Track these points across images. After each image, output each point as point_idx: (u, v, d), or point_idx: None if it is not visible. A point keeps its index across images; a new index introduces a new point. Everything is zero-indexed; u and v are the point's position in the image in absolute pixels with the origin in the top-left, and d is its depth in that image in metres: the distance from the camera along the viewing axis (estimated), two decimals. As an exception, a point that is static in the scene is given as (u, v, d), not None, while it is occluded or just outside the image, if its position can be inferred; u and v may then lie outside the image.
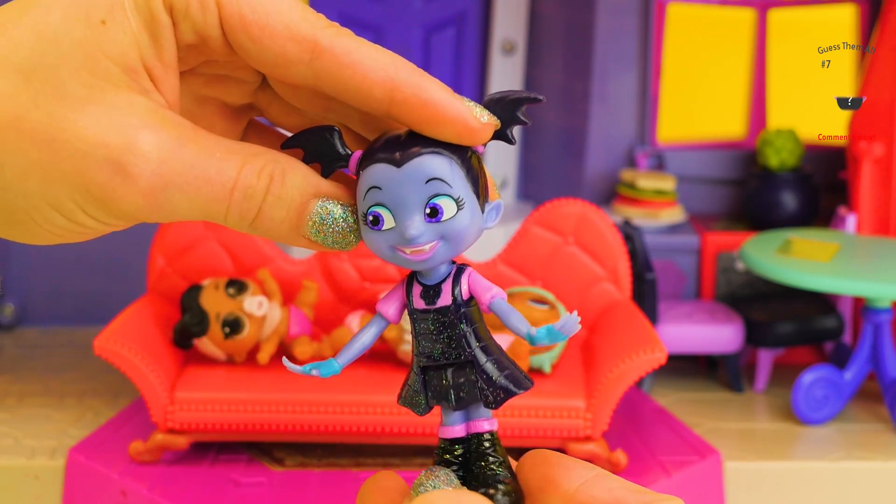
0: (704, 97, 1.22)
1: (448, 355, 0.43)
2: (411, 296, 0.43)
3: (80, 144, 0.39)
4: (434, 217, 0.41)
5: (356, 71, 0.41)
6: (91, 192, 0.40)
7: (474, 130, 0.41)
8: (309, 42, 0.41)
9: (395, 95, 0.41)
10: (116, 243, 1.17)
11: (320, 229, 0.42)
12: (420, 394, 0.44)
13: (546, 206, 0.96)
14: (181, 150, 0.40)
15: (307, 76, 0.41)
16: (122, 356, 0.86)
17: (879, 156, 1.05)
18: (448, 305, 0.43)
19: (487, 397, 0.43)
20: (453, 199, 0.41)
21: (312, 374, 0.44)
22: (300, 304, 0.94)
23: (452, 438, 0.44)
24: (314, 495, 0.85)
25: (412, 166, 0.41)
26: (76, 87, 0.40)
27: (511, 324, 0.42)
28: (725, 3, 1.20)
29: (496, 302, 0.43)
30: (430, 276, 0.43)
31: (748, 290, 1.09)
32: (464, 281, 0.43)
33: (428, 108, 0.41)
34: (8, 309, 1.20)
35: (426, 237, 0.41)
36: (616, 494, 0.41)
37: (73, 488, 0.88)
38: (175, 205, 0.40)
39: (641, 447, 0.91)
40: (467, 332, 0.43)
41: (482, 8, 1.24)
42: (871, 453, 0.92)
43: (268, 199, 0.41)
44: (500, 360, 0.44)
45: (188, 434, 0.88)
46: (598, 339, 0.93)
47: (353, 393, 0.87)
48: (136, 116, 0.40)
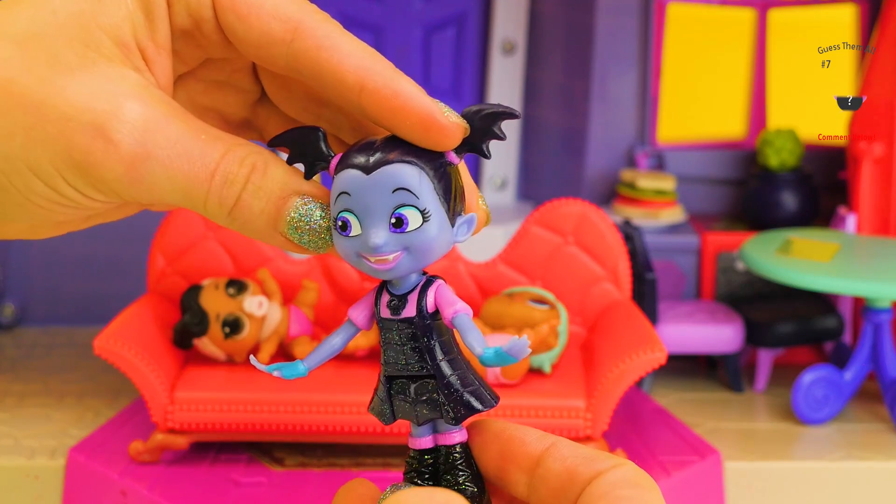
0: (704, 97, 1.22)
1: (411, 367, 0.42)
2: (379, 304, 0.43)
3: (67, 108, 0.40)
4: (399, 227, 0.40)
5: (332, 55, 0.41)
6: (72, 157, 0.40)
7: (442, 127, 0.40)
8: (293, 22, 0.41)
9: (366, 83, 0.41)
10: (116, 243, 1.17)
11: (297, 226, 0.42)
12: (385, 404, 0.44)
13: (546, 206, 0.96)
14: (167, 124, 0.40)
15: (287, 58, 0.42)
16: (122, 356, 0.86)
17: (879, 156, 1.05)
18: (412, 317, 0.42)
19: (448, 413, 0.42)
20: (419, 211, 0.41)
21: (274, 374, 0.44)
22: (300, 304, 0.94)
23: (419, 449, 0.44)
24: (314, 495, 0.85)
25: (380, 174, 0.40)
26: (69, 55, 0.40)
27: (467, 341, 0.42)
28: (725, 3, 1.20)
29: (458, 317, 0.42)
30: (399, 286, 0.42)
31: (748, 290, 1.10)
32: (430, 293, 0.42)
33: (397, 99, 0.41)
34: (8, 309, 1.20)
35: (389, 247, 0.41)
36: (568, 464, 0.41)
37: (73, 488, 0.88)
38: (155, 179, 0.40)
39: (641, 447, 0.91)
40: (432, 344, 0.42)
41: (482, 8, 1.24)
42: (871, 453, 0.92)
43: (248, 187, 0.41)
44: (465, 375, 0.43)
45: (188, 434, 0.88)
46: (598, 339, 0.93)
47: (352, 393, 0.87)
48: (126, 87, 0.40)
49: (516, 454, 0.42)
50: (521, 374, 0.88)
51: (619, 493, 0.39)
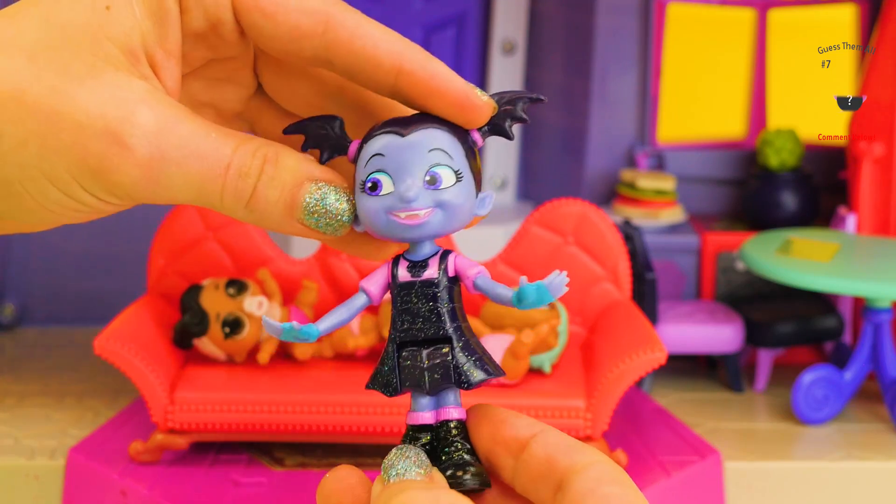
0: (704, 97, 1.22)
1: (427, 330, 0.43)
2: (397, 270, 0.44)
3: (79, 116, 0.40)
4: (433, 184, 0.42)
5: (367, 42, 0.42)
6: (88, 164, 0.40)
7: (475, 106, 0.43)
8: (322, 14, 0.42)
9: (403, 66, 0.42)
10: (116, 243, 1.17)
11: (314, 211, 0.42)
12: (393, 373, 0.44)
13: (546, 206, 0.96)
14: (178, 125, 0.41)
15: (319, 49, 0.43)
16: (122, 356, 0.86)
17: (879, 156, 1.05)
18: (434, 278, 0.43)
19: (461, 376, 0.43)
20: (453, 171, 0.42)
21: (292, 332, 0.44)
22: (300, 304, 0.94)
23: (420, 425, 0.44)
24: (314, 495, 0.85)
25: (417, 135, 0.42)
26: (78, 65, 0.41)
27: (497, 293, 0.43)
28: (725, 3, 1.20)
29: (480, 278, 0.43)
30: (416, 253, 0.44)
31: (748, 290, 1.10)
32: (450, 260, 0.44)
33: (434, 80, 0.42)
34: (8, 309, 1.20)
35: (423, 201, 0.42)
36: (549, 452, 0.42)
37: (73, 488, 0.88)
38: (171, 179, 0.41)
39: (641, 447, 0.91)
40: (447, 308, 0.43)
41: (482, 8, 1.24)
42: (871, 453, 0.92)
43: (262, 178, 0.42)
44: (473, 344, 0.44)
45: (188, 434, 0.88)
46: (598, 339, 0.93)
47: (352, 393, 0.87)
48: (135, 93, 0.41)
49: (505, 437, 0.43)
50: (521, 374, 0.88)
51: (606, 491, 0.39)
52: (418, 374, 0.43)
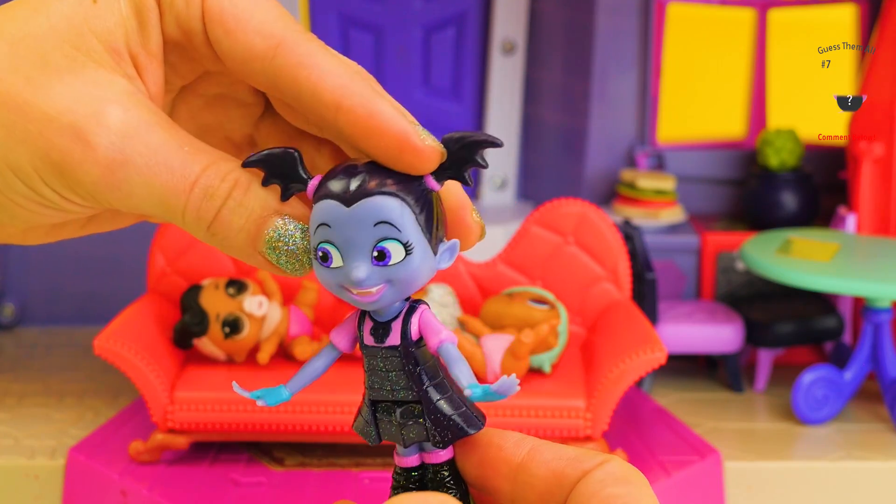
0: (704, 97, 1.22)
1: (397, 393, 0.42)
2: (362, 331, 0.42)
3: (49, 109, 0.40)
4: (381, 261, 0.40)
5: (311, 73, 0.40)
6: (50, 157, 0.40)
7: (416, 150, 0.39)
8: (276, 38, 0.41)
9: (343, 102, 0.40)
10: (116, 243, 1.17)
11: (276, 247, 0.41)
12: (371, 426, 0.43)
13: (546, 206, 0.96)
14: (148, 132, 0.40)
15: (268, 73, 0.41)
16: (122, 356, 0.86)
17: (879, 156, 1.05)
18: (396, 346, 0.42)
19: (435, 437, 0.42)
20: (401, 244, 0.40)
21: (259, 403, 0.43)
22: (300, 304, 0.94)
23: (404, 467, 0.44)
24: (314, 495, 0.85)
25: (360, 207, 0.39)
26: (58, 57, 0.40)
27: (453, 373, 0.41)
28: (725, 3, 1.20)
29: (443, 347, 0.41)
30: (382, 314, 0.42)
31: (748, 290, 1.10)
32: (414, 321, 0.42)
33: (372, 119, 0.40)
34: (8, 309, 1.20)
35: (372, 280, 0.40)
36: (553, 467, 0.40)
37: (73, 488, 0.88)
38: (132, 187, 0.40)
39: (641, 447, 0.91)
40: (418, 371, 0.42)
41: (482, 8, 1.24)
42: (871, 453, 0.92)
43: (228, 203, 0.41)
44: (452, 398, 0.42)
45: (188, 434, 0.88)
46: (598, 339, 0.93)
47: (352, 393, 0.87)
48: (112, 92, 0.40)
49: (495, 461, 0.42)
50: (522, 374, 0.88)
51: (610, 492, 0.38)
52: (394, 432, 0.43)
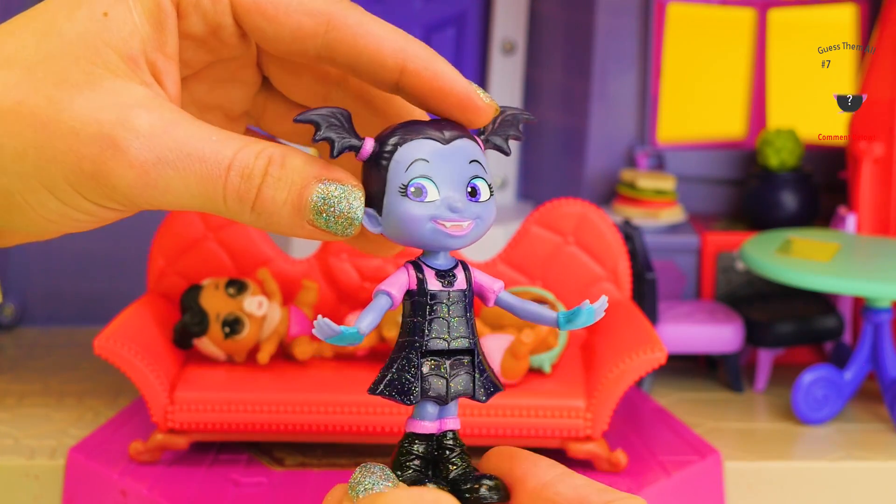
0: (704, 97, 1.22)
1: (454, 341, 0.43)
2: (425, 279, 0.44)
3: (74, 123, 0.40)
4: (474, 196, 0.43)
5: (370, 41, 0.42)
6: (83, 168, 0.40)
7: (478, 107, 0.43)
8: (324, 14, 0.42)
9: (406, 65, 0.42)
10: (116, 243, 1.17)
11: (323, 210, 0.41)
12: (416, 381, 0.44)
13: (546, 206, 0.96)
14: (174, 128, 0.41)
15: (322, 48, 0.42)
16: (122, 356, 0.86)
17: (879, 156, 1.05)
18: (465, 289, 0.44)
19: (481, 389, 0.44)
20: (487, 184, 0.44)
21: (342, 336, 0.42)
22: (300, 304, 0.94)
23: (422, 434, 0.44)
24: (314, 495, 0.85)
25: (458, 145, 0.43)
26: (76, 73, 0.40)
27: (533, 312, 0.44)
28: (725, 3, 1.20)
29: (503, 295, 0.44)
30: (438, 262, 0.44)
31: (748, 290, 1.10)
32: (473, 271, 0.44)
33: (438, 79, 0.42)
34: (8, 309, 1.20)
35: (467, 213, 0.43)
36: (580, 493, 0.41)
37: (73, 488, 0.88)
38: (168, 182, 0.40)
39: (641, 447, 0.91)
40: (473, 320, 0.44)
41: (482, 8, 1.24)
42: (871, 453, 0.92)
43: (267, 180, 0.41)
44: (485, 359, 0.45)
45: (188, 434, 0.88)
46: (598, 339, 0.93)
47: (353, 393, 0.87)
48: (132, 98, 0.41)
49: (526, 475, 0.42)
50: (521, 374, 0.88)
51: None
52: (442, 385, 0.43)
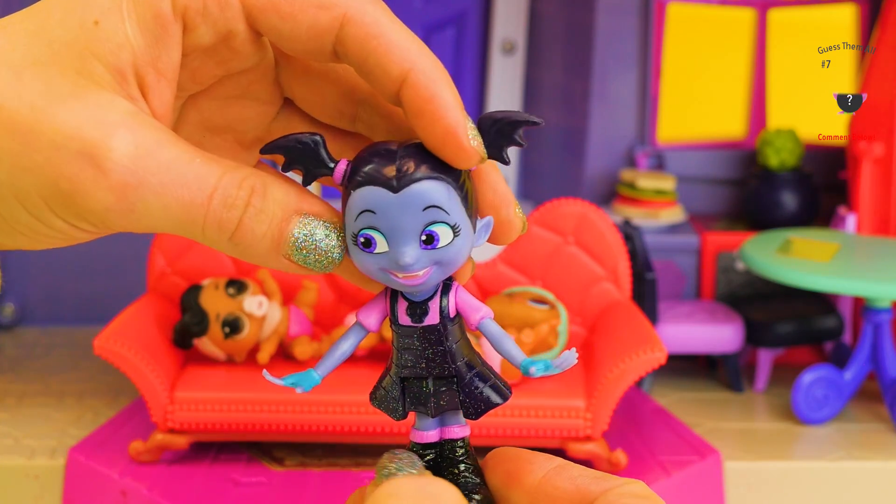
0: (704, 97, 1.22)
1: (431, 370, 0.42)
2: (396, 311, 0.42)
3: (55, 136, 0.39)
4: (430, 244, 0.40)
5: (380, 43, 0.41)
6: (60, 186, 0.39)
7: (461, 147, 0.40)
8: (340, 8, 0.41)
9: (409, 77, 0.40)
10: (116, 243, 1.17)
11: (302, 248, 0.40)
12: (398, 401, 0.43)
13: (546, 206, 0.96)
14: (159, 150, 0.39)
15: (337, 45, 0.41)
16: (122, 356, 0.86)
17: (879, 156, 1.05)
18: (436, 324, 0.42)
19: (469, 409, 0.42)
20: (450, 227, 0.40)
21: (298, 391, 0.43)
22: (300, 304, 0.94)
23: (425, 443, 0.43)
24: (314, 495, 0.85)
25: (410, 193, 0.39)
26: (62, 83, 0.39)
27: (504, 349, 0.41)
28: (725, 3, 1.20)
29: (485, 322, 0.42)
30: (418, 294, 0.42)
31: (748, 290, 1.09)
32: (451, 298, 0.42)
33: (432, 102, 0.40)
34: (8, 309, 1.20)
35: (420, 264, 0.40)
36: (578, 483, 0.41)
37: (73, 488, 0.88)
38: (148, 207, 0.39)
39: (641, 447, 0.91)
40: (454, 348, 0.42)
41: (482, 8, 1.24)
42: (871, 453, 0.92)
43: (249, 210, 0.40)
44: (483, 371, 0.43)
45: (188, 434, 0.88)
46: (598, 339, 0.93)
47: (353, 393, 0.87)
48: (117, 115, 0.39)
49: (522, 473, 0.42)
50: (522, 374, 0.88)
51: (628, 502, 0.39)
52: (423, 399, 0.43)
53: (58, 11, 0.40)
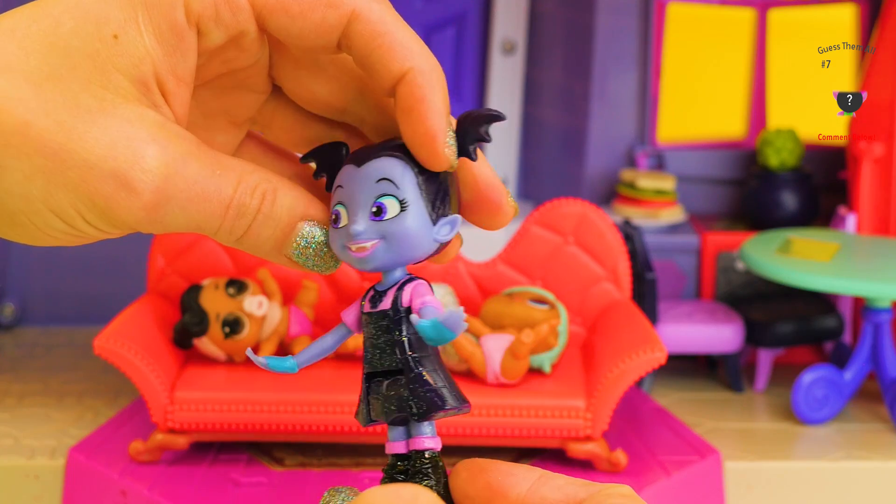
0: (704, 97, 1.22)
1: (383, 361, 0.43)
2: (363, 301, 0.44)
3: (88, 155, 0.40)
4: (378, 215, 0.42)
5: (385, 41, 0.42)
6: (94, 203, 0.40)
7: (435, 152, 0.42)
8: (347, 7, 0.42)
9: (408, 75, 0.42)
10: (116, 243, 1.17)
11: (303, 251, 0.43)
12: (364, 403, 0.44)
13: (546, 206, 0.96)
14: (185, 166, 0.41)
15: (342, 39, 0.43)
16: (122, 356, 0.86)
17: (879, 156, 1.05)
18: (387, 310, 0.43)
19: (411, 408, 0.42)
20: (397, 200, 0.42)
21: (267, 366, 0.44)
22: (300, 304, 0.94)
23: (395, 454, 0.44)
24: (314, 495, 0.85)
25: (369, 166, 0.42)
26: (87, 98, 0.40)
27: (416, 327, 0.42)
28: (725, 3, 1.20)
29: (426, 308, 0.42)
30: (383, 283, 0.44)
31: (748, 290, 1.10)
32: (407, 289, 0.43)
33: (423, 103, 0.42)
34: (8, 309, 1.20)
35: (368, 234, 0.42)
36: (566, 491, 0.41)
37: (73, 488, 0.88)
38: (173, 219, 0.42)
39: (641, 447, 0.91)
40: (402, 338, 0.43)
41: (482, 8, 1.24)
42: (871, 453, 0.92)
43: (258, 217, 0.42)
44: (434, 373, 0.43)
45: (188, 434, 0.88)
46: (598, 339, 0.93)
47: (352, 393, 0.87)
48: (146, 130, 0.40)
49: (504, 486, 0.42)
50: (521, 374, 0.88)
51: (615, 501, 0.39)
52: (379, 406, 0.43)
53: (67, 19, 0.40)
